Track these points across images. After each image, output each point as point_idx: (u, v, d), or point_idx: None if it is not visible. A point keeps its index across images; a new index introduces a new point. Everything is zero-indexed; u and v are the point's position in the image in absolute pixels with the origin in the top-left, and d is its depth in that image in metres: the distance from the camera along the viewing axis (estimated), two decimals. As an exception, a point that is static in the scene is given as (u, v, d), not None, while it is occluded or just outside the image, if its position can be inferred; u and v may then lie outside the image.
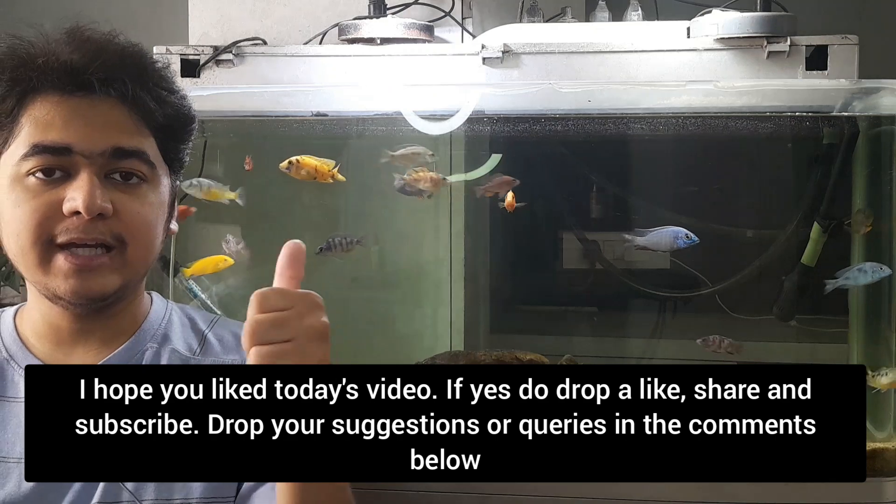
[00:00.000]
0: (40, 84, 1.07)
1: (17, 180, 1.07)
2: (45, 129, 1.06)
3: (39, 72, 1.07)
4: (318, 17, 1.74)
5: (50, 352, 1.15)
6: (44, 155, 1.06)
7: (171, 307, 1.24)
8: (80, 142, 1.06)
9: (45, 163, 1.06)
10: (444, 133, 1.63)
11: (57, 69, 1.07)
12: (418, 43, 1.66)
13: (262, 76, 1.67)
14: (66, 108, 1.07)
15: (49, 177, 1.06)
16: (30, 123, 1.07)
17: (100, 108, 1.08)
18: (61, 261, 1.06)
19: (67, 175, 1.06)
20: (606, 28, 1.71)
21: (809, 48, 1.56)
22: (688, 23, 1.62)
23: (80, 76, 1.07)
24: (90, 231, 1.06)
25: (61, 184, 1.06)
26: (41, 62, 1.07)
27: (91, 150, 1.06)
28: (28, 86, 1.07)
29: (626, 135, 1.68)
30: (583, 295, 2.02)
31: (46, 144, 1.06)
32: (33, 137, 1.06)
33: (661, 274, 1.97)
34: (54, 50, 1.08)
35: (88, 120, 1.07)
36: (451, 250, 1.88)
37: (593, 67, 1.60)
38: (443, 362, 1.71)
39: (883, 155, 1.59)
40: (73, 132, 1.06)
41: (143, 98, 1.10)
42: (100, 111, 1.08)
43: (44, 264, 1.07)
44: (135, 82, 1.09)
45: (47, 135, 1.06)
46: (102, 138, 1.07)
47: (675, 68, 1.59)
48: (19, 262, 1.09)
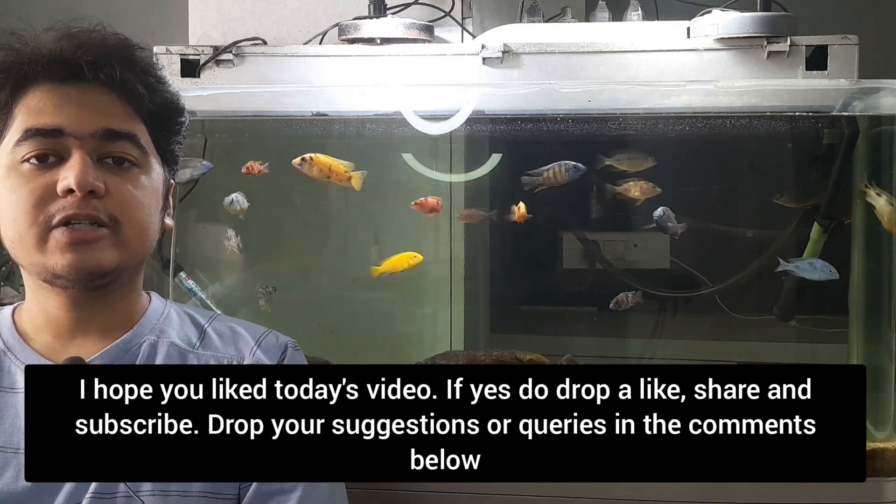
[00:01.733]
0: (32, 75, 1.10)
1: (12, 168, 1.09)
2: (38, 115, 1.09)
3: (30, 63, 1.10)
4: (318, 17, 1.74)
5: (48, 344, 1.15)
6: (36, 138, 1.08)
7: (169, 305, 1.24)
8: (72, 124, 1.09)
9: (38, 146, 1.08)
10: (444, 133, 1.63)
11: (47, 58, 1.10)
12: (418, 43, 1.66)
13: (262, 76, 1.67)
14: (57, 95, 1.10)
15: (43, 162, 1.08)
16: (23, 112, 1.10)
17: (91, 94, 1.11)
18: (58, 236, 1.08)
19: (61, 160, 1.09)
20: (606, 28, 1.71)
21: (809, 48, 1.55)
22: (688, 23, 1.62)
23: (70, 63, 1.10)
24: (84, 207, 1.07)
25: (55, 167, 1.08)
26: (31, 53, 1.10)
27: (82, 132, 1.09)
28: (20, 77, 1.10)
29: (626, 135, 1.68)
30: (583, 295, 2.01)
31: (39, 128, 1.08)
32: (26, 123, 1.09)
33: (661, 274, 1.97)
34: (43, 40, 1.11)
35: (80, 104, 1.10)
36: (451, 250, 1.88)
37: (593, 67, 1.60)
38: (443, 362, 1.71)
39: (883, 155, 1.59)
40: (64, 116, 1.09)
41: (131, 83, 1.12)
42: (91, 97, 1.11)
43: (41, 244, 1.08)
44: (123, 68, 1.12)
45: (39, 119, 1.09)
46: (93, 120, 1.10)
47: (675, 68, 1.59)
48: (17, 248, 1.10)
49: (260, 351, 1.19)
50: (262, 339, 1.21)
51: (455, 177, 1.82)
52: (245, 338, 1.21)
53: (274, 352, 1.20)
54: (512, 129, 1.66)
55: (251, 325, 1.24)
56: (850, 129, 1.65)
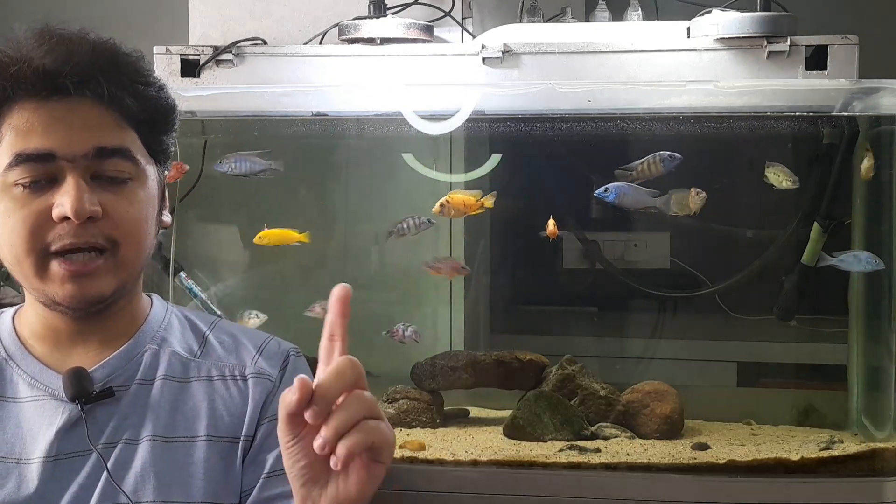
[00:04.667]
0: (15, 92, 1.06)
1: (4, 190, 1.07)
2: (26, 137, 1.06)
3: (13, 80, 1.06)
4: (318, 17, 1.74)
5: (49, 353, 1.15)
6: (28, 164, 1.05)
7: (170, 310, 1.23)
8: (63, 146, 1.06)
9: (29, 172, 1.05)
10: (444, 133, 1.63)
11: (30, 76, 1.06)
12: (418, 43, 1.66)
13: (262, 76, 1.67)
14: (44, 113, 1.06)
15: (36, 184, 1.06)
16: (10, 132, 1.06)
17: (78, 111, 1.07)
18: (56, 267, 1.06)
19: (54, 180, 1.06)
20: (606, 28, 1.71)
21: (809, 48, 1.55)
22: (688, 23, 1.62)
23: (55, 80, 1.06)
24: (82, 235, 1.06)
25: (49, 190, 1.06)
26: (14, 71, 1.06)
27: (74, 154, 1.06)
28: (3, 95, 1.07)
29: (626, 135, 1.68)
30: (583, 295, 2.02)
31: (29, 153, 1.05)
32: (15, 146, 1.06)
33: (661, 274, 1.97)
34: (26, 56, 1.07)
35: (68, 123, 1.07)
36: (451, 250, 1.88)
37: (593, 67, 1.60)
38: (443, 362, 1.71)
39: (883, 155, 1.59)
40: (54, 137, 1.06)
41: (119, 96, 1.09)
42: (78, 113, 1.07)
43: (40, 272, 1.07)
44: (110, 81, 1.08)
45: (29, 143, 1.05)
46: (84, 140, 1.07)
47: (675, 68, 1.59)
48: (16, 272, 1.09)
49: (262, 359, 1.18)
50: (264, 346, 1.20)
51: (455, 177, 1.81)
52: (246, 346, 1.20)
53: (276, 359, 1.19)
54: (512, 129, 1.66)
55: (253, 331, 1.24)
56: (850, 129, 1.65)
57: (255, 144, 1.72)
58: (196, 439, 1.12)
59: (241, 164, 1.66)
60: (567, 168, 1.86)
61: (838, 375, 1.72)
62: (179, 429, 1.12)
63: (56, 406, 1.11)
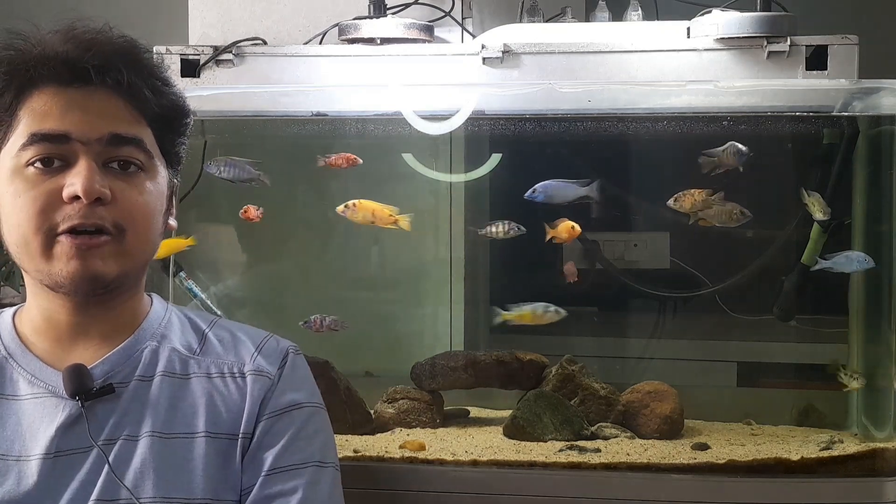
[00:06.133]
0: (37, 77, 1.08)
1: (16, 172, 1.08)
2: (43, 119, 1.08)
3: (35, 65, 1.08)
4: (318, 17, 1.74)
5: (49, 349, 1.15)
6: (42, 143, 1.07)
7: (170, 309, 1.24)
8: (78, 129, 1.07)
9: (43, 151, 1.07)
10: (444, 133, 1.63)
11: (52, 61, 1.08)
12: (418, 43, 1.66)
13: (262, 76, 1.67)
14: (63, 98, 1.08)
15: (48, 166, 1.07)
16: (28, 115, 1.08)
17: (96, 98, 1.09)
18: (63, 243, 1.07)
19: (66, 164, 1.07)
20: (606, 28, 1.71)
21: (809, 48, 1.55)
22: (688, 23, 1.62)
23: (76, 66, 1.08)
24: (90, 216, 1.06)
25: (60, 172, 1.07)
26: (37, 55, 1.08)
27: (88, 137, 1.08)
28: (25, 79, 1.08)
29: (625, 135, 1.68)
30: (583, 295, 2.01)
31: (45, 133, 1.07)
32: (31, 127, 1.07)
33: (661, 274, 1.97)
34: (49, 42, 1.09)
35: (86, 109, 1.08)
36: (451, 250, 1.88)
37: (593, 67, 1.60)
38: (443, 362, 1.71)
39: (883, 155, 1.59)
40: (70, 120, 1.07)
41: (138, 86, 1.11)
42: (96, 101, 1.09)
43: (46, 251, 1.07)
44: (130, 71, 1.10)
45: (45, 124, 1.07)
46: (100, 125, 1.08)
47: (675, 68, 1.59)
48: (22, 254, 1.09)
49: (261, 356, 1.18)
50: (263, 344, 1.20)
51: (455, 177, 1.82)
52: (246, 343, 1.20)
53: (275, 357, 1.19)
54: (512, 129, 1.66)
55: (252, 329, 1.24)
56: (850, 129, 1.65)
57: (255, 144, 1.72)
58: (195, 436, 1.12)
59: (230, 169, 1.66)
60: (567, 168, 1.86)
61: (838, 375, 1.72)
62: (178, 425, 1.12)
63: (56, 403, 1.11)
